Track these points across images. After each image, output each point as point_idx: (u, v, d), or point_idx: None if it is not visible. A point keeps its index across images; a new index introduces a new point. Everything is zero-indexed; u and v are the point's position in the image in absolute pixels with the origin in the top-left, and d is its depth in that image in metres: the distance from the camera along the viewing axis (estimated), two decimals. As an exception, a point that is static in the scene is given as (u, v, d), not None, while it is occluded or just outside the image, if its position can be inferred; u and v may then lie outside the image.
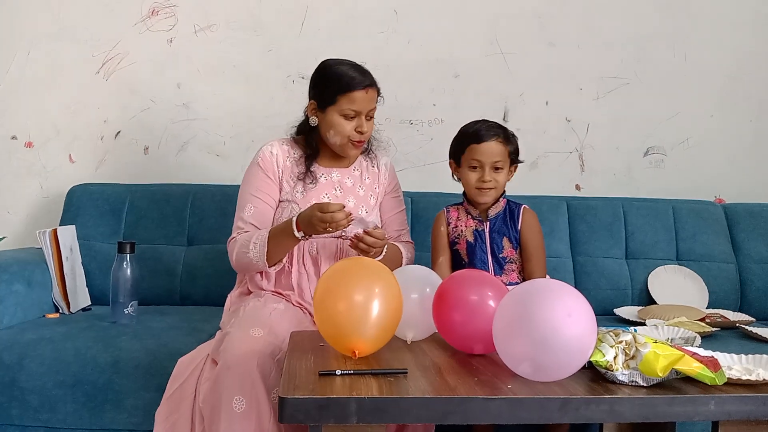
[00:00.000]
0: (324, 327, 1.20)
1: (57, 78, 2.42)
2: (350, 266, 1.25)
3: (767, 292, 2.22)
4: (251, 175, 1.75)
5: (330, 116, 1.69)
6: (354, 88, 1.66)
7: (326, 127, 1.71)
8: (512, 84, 2.50)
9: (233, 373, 1.37)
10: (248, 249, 1.62)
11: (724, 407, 1.05)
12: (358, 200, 1.77)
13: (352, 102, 1.67)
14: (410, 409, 1.01)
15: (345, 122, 1.68)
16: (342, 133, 1.69)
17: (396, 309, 1.20)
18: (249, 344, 1.41)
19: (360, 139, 1.70)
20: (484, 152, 1.69)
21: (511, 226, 1.75)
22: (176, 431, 1.46)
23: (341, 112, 1.68)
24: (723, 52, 2.53)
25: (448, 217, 1.79)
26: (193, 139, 2.46)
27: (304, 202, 1.71)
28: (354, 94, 1.66)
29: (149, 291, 2.12)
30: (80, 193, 2.27)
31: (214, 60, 2.46)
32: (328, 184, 1.76)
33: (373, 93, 1.71)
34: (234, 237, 1.70)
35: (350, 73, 1.68)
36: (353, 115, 1.68)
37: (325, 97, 1.70)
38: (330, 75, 1.71)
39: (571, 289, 1.10)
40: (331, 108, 1.69)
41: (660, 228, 2.29)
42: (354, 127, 1.69)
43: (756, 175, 2.55)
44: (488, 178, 1.69)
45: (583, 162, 2.53)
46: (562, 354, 1.04)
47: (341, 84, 1.67)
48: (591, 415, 1.04)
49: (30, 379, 1.60)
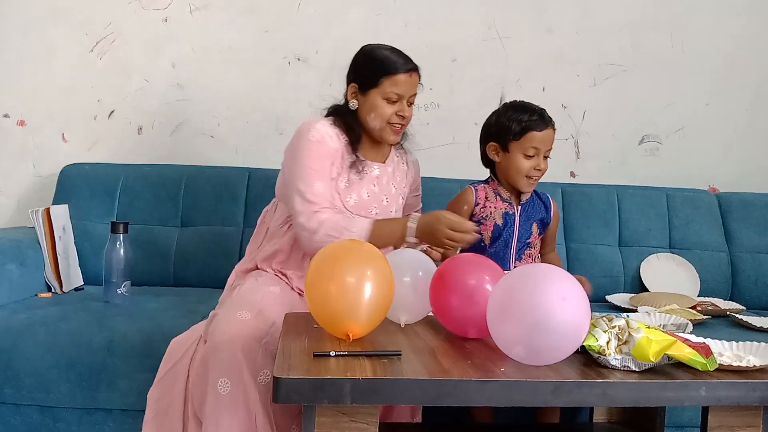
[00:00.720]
0: (316, 310, 1.20)
1: (50, 57, 2.39)
2: (341, 249, 1.25)
3: (758, 281, 2.24)
4: (308, 150, 1.63)
5: (372, 99, 1.67)
6: (398, 70, 1.65)
7: (367, 110, 1.68)
8: (509, 69, 2.49)
9: (219, 356, 1.37)
10: (341, 235, 1.53)
11: (715, 393, 1.07)
12: (391, 198, 1.75)
13: (396, 85, 1.65)
14: (404, 390, 1.01)
15: (387, 105, 1.66)
16: (383, 116, 1.66)
17: (388, 291, 1.20)
18: (235, 327, 1.40)
19: (400, 123, 1.68)
20: (543, 140, 1.66)
21: (543, 212, 1.75)
22: (169, 411, 1.47)
23: (384, 94, 1.65)
24: (720, 41, 2.53)
25: (477, 197, 1.72)
26: (187, 120, 2.44)
27: (346, 193, 1.67)
28: (398, 77, 1.65)
29: (143, 272, 2.11)
30: (73, 172, 2.25)
31: (209, 41, 2.43)
32: (369, 179, 1.72)
33: (416, 78, 1.69)
34: (316, 212, 1.58)
35: (394, 57, 1.67)
36: (396, 99, 1.66)
37: (368, 79, 1.67)
38: (374, 57, 1.69)
39: (566, 273, 1.11)
40: (373, 90, 1.66)
41: (653, 216, 2.30)
42: (395, 111, 1.67)
43: (750, 165, 2.56)
44: (543, 166, 1.67)
45: (579, 149, 2.53)
46: (556, 337, 1.05)
47: (385, 66, 1.65)
48: (583, 399, 1.05)
49: (23, 360, 1.60)
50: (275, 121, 2.45)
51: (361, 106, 1.69)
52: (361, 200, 1.69)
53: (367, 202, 1.70)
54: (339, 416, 1.04)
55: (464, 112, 2.49)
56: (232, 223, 2.21)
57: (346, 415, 1.04)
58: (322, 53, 2.45)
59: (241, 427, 1.35)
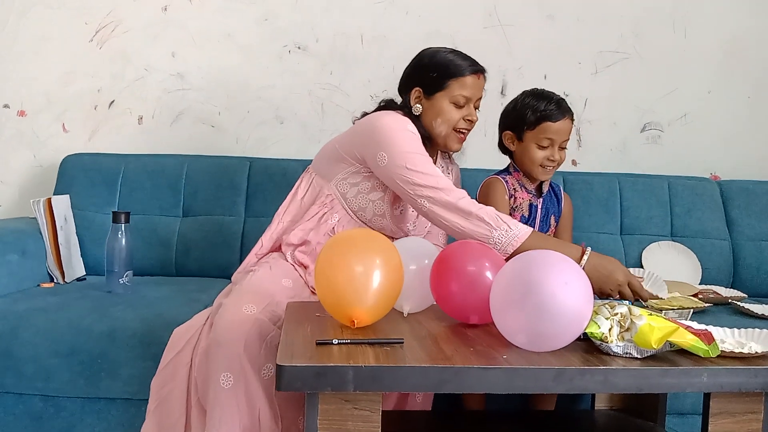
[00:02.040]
0: (324, 295, 1.20)
1: (50, 46, 2.38)
2: (352, 237, 1.25)
3: (760, 269, 2.24)
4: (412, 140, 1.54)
5: (439, 103, 1.60)
6: (466, 72, 1.59)
7: (433, 115, 1.61)
8: (510, 57, 2.48)
9: (221, 350, 1.36)
10: (497, 226, 1.43)
11: (717, 379, 1.07)
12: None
13: (464, 87, 1.59)
14: (407, 377, 1.02)
15: (454, 110, 1.60)
16: (450, 121, 1.60)
17: (396, 280, 1.20)
18: (240, 321, 1.38)
19: (467, 128, 1.62)
20: (558, 131, 1.63)
21: (557, 203, 1.75)
22: (171, 400, 1.47)
23: (452, 98, 1.59)
24: (722, 28, 2.52)
25: (508, 187, 1.68)
26: (187, 109, 2.43)
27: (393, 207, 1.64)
28: (466, 79, 1.59)
29: (144, 262, 2.12)
30: (74, 162, 2.25)
31: (209, 29, 2.42)
32: None
33: (483, 80, 1.63)
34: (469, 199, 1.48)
35: (461, 59, 1.61)
36: (463, 102, 1.60)
37: (434, 82, 1.60)
38: (439, 60, 1.62)
39: (568, 259, 1.11)
40: (440, 94, 1.60)
41: (655, 204, 2.30)
42: (463, 116, 1.60)
43: (752, 153, 2.55)
44: (557, 156, 1.64)
45: (580, 137, 2.52)
46: (558, 322, 1.05)
47: (453, 68, 1.59)
48: (585, 386, 1.05)
49: (24, 348, 1.60)
50: (275, 110, 2.44)
51: (426, 111, 1.62)
52: (404, 214, 1.66)
53: (409, 216, 1.67)
54: (342, 404, 1.04)
55: (465, 100, 2.48)
56: (233, 213, 2.21)
57: (349, 403, 1.04)
58: (322, 41, 2.44)
59: (244, 421, 1.34)
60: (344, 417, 1.04)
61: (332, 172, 1.65)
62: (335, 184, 1.65)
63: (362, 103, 2.45)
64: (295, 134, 2.45)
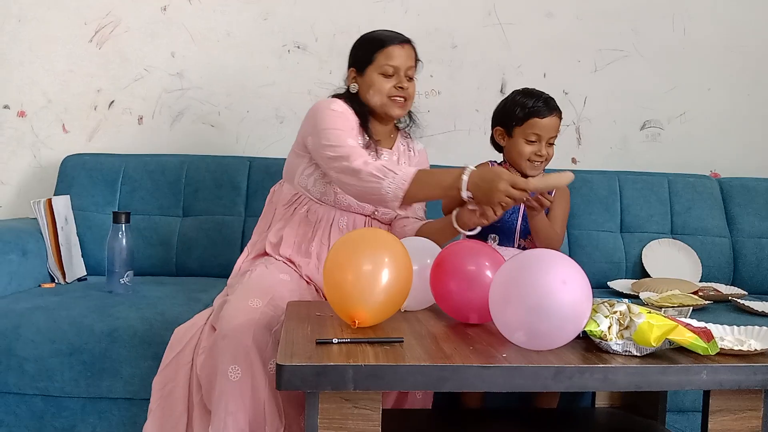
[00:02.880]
0: (331, 293, 1.20)
1: (49, 46, 2.38)
2: (361, 237, 1.25)
3: (760, 266, 2.24)
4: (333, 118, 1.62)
5: (369, 76, 1.69)
6: (389, 43, 1.68)
7: (366, 88, 1.69)
8: (510, 55, 2.48)
9: (229, 343, 1.38)
10: (385, 176, 1.47)
11: (716, 377, 1.07)
12: None
13: (389, 57, 1.67)
14: (406, 376, 1.02)
15: (384, 79, 1.68)
16: (381, 91, 1.68)
17: (404, 284, 1.20)
18: (246, 315, 1.41)
19: (401, 95, 1.68)
20: (545, 127, 1.67)
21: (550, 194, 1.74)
22: (173, 399, 1.48)
23: (380, 69, 1.67)
24: (721, 25, 2.51)
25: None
26: (187, 109, 2.43)
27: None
28: (390, 49, 1.67)
29: (145, 261, 2.12)
30: (74, 163, 2.25)
31: (208, 28, 2.42)
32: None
33: (410, 50, 1.71)
34: (359, 155, 1.54)
35: (386, 33, 1.71)
36: (392, 72, 1.67)
37: (363, 58, 1.70)
38: (365, 38, 1.74)
39: (567, 258, 1.11)
40: (369, 68, 1.69)
41: (655, 201, 2.30)
42: (394, 84, 1.68)
43: (751, 150, 2.55)
44: (544, 152, 1.69)
45: (580, 135, 2.52)
46: (557, 321, 1.05)
47: (377, 41, 1.69)
48: (585, 384, 1.05)
49: (26, 348, 1.60)
50: (275, 109, 2.44)
51: (361, 86, 1.71)
52: None
53: None
54: (342, 402, 1.04)
55: (465, 98, 2.48)
56: (233, 212, 2.21)
57: (349, 401, 1.05)
58: (321, 40, 2.44)
59: (250, 414, 1.36)
60: (344, 416, 1.05)
61: (293, 172, 1.73)
62: (297, 181, 1.72)
63: (362, 101, 2.46)
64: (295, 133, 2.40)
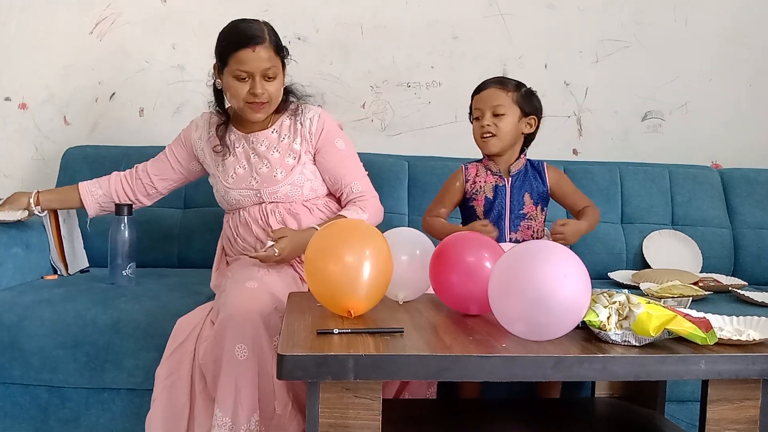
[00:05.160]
0: (317, 288, 1.21)
1: (50, 39, 2.39)
2: (341, 228, 1.26)
3: (760, 257, 2.25)
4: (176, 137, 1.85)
5: (226, 79, 1.66)
6: (239, 47, 1.60)
7: (225, 91, 1.69)
8: (511, 46, 2.47)
9: (235, 322, 1.39)
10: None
11: (714, 366, 1.08)
12: (273, 162, 1.71)
13: (240, 62, 1.60)
14: (406, 366, 1.03)
15: (239, 84, 1.63)
16: (237, 97, 1.64)
17: (386, 267, 1.22)
18: (247, 294, 1.44)
19: (255, 101, 1.64)
20: (482, 99, 1.72)
21: (536, 182, 1.75)
22: (176, 390, 1.49)
23: (233, 73, 1.62)
24: (723, 16, 2.50)
25: (466, 174, 1.77)
26: (188, 101, 2.43)
27: (225, 175, 1.74)
28: (239, 54, 1.60)
29: (147, 254, 2.12)
30: (76, 155, 2.25)
31: (208, 20, 2.41)
32: (244, 152, 1.74)
33: (264, 51, 1.61)
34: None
35: (240, 31, 1.62)
36: (245, 77, 1.62)
37: (219, 59, 1.67)
38: (224, 34, 1.66)
39: (567, 250, 1.11)
40: (225, 70, 1.65)
41: (656, 192, 2.30)
42: (248, 90, 1.63)
43: (753, 141, 2.55)
44: (486, 122, 1.69)
45: (581, 126, 2.52)
46: (557, 313, 1.05)
47: (229, 44, 1.62)
48: (584, 374, 1.06)
49: (30, 340, 1.62)
50: (276, 101, 2.44)
51: (223, 85, 1.70)
52: (237, 175, 1.73)
53: (244, 176, 1.73)
54: (343, 392, 1.05)
55: (466, 90, 2.44)
56: (234, 204, 2.21)
57: (349, 391, 1.05)
58: (322, 32, 2.44)
59: (260, 391, 1.39)
60: (345, 405, 1.05)
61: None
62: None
63: (362, 93, 2.46)
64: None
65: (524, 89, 1.74)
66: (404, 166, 2.27)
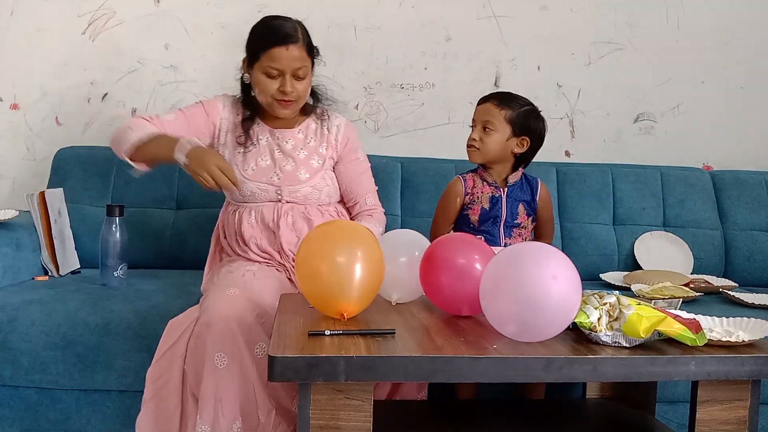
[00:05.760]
0: (309, 292, 1.21)
1: (42, 39, 2.37)
2: (331, 229, 1.26)
3: (751, 259, 2.26)
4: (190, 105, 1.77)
5: (256, 74, 1.67)
6: (273, 44, 1.61)
7: (254, 86, 1.69)
8: (504, 48, 2.48)
9: (213, 331, 1.39)
10: (132, 128, 1.61)
11: (704, 367, 1.08)
12: (299, 162, 1.73)
13: (272, 59, 1.62)
14: (398, 367, 1.03)
15: (268, 81, 1.64)
16: (266, 92, 1.66)
17: (378, 269, 1.22)
18: (227, 302, 1.43)
19: (284, 98, 1.66)
20: (478, 111, 1.71)
21: (530, 195, 1.74)
22: (167, 391, 1.48)
23: (263, 69, 1.64)
24: (715, 18, 2.52)
25: (465, 187, 1.74)
26: (181, 101, 2.42)
27: (244, 165, 1.72)
28: (273, 52, 1.61)
29: (138, 254, 2.11)
30: (68, 155, 2.24)
31: (202, 20, 2.41)
32: (268, 145, 1.74)
33: (297, 51, 1.63)
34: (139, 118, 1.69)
35: (274, 29, 1.64)
36: (276, 74, 1.64)
37: (251, 54, 1.67)
38: (257, 30, 1.68)
39: (557, 252, 1.12)
40: (256, 65, 1.66)
41: (648, 194, 2.31)
42: (278, 86, 1.64)
43: (744, 143, 2.56)
44: (475, 136, 1.69)
45: (574, 128, 2.53)
46: (548, 315, 1.06)
47: (263, 40, 1.64)
48: (574, 375, 1.06)
49: (20, 341, 1.61)
50: (269, 102, 2.44)
51: (251, 80, 1.70)
52: (259, 168, 1.72)
53: (266, 169, 1.72)
54: (334, 393, 1.05)
55: (459, 91, 2.48)
56: (227, 205, 2.21)
57: (341, 393, 1.05)
58: (315, 32, 2.40)
59: (241, 399, 1.38)
60: (336, 407, 1.06)
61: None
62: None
63: (356, 94, 2.46)
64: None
65: (524, 109, 1.70)
66: (397, 167, 2.28)
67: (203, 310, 1.45)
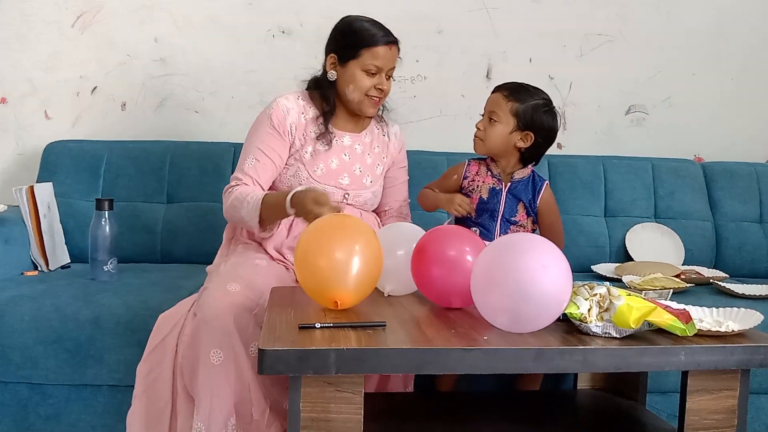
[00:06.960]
0: (306, 280, 1.21)
1: (31, 32, 2.35)
2: (332, 223, 1.25)
3: (742, 250, 2.27)
4: (260, 124, 1.70)
5: (351, 71, 1.67)
6: (378, 42, 1.66)
7: (346, 82, 1.68)
8: (496, 41, 2.47)
9: (210, 327, 1.39)
10: (242, 205, 1.58)
11: (694, 357, 1.09)
12: (365, 168, 1.75)
13: (375, 57, 1.65)
14: (388, 359, 1.03)
15: (366, 78, 1.67)
16: (362, 89, 1.67)
17: (377, 260, 1.21)
18: (226, 299, 1.42)
19: (379, 96, 1.70)
20: (488, 100, 1.70)
21: (532, 195, 1.71)
22: (158, 386, 1.48)
23: (363, 66, 1.66)
24: (706, 10, 2.52)
25: (467, 171, 1.74)
26: (171, 95, 2.41)
27: (312, 165, 1.69)
28: (377, 49, 1.65)
29: (129, 249, 2.11)
30: (57, 150, 2.23)
31: (192, 13, 2.40)
32: (339, 148, 1.73)
33: (396, 51, 1.70)
34: (231, 186, 1.66)
35: (375, 29, 1.68)
36: (375, 71, 1.67)
37: (347, 51, 1.67)
38: (355, 29, 1.69)
39: (547, 242, 1.12)
40: (353, 62, 1.67)
41: (639, 186, 2.31)
42: (374, 84, 1.68)
43: (735, 134, 2.57)
44: (480, 125, 1.68)
45: (565, 120, 2.53)
46: (538, 305, 1.06)
47: (366, 38, 1.66)
48: (565, 366, 1.07)
49: (10, 336, 1.60)
50: (260, 95, 2.42)
51: (340, 77, 1.70)
52: (328, 169, 1.70)
53: (336, 172, 1.71)
54: (324, 386, 1.05)
55: (451, 84, 2.47)
56: (218, 199, 2.15)
57: (331, 385, 1.05)
58: (306, 25, 2.42)
59: (236, 397, 1.38)
60: (327, 399, 1.05)
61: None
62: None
63: (347, 87, 2.45)
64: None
65: (532, 103, 1.65)
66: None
67: (200, 304, 1.44)
